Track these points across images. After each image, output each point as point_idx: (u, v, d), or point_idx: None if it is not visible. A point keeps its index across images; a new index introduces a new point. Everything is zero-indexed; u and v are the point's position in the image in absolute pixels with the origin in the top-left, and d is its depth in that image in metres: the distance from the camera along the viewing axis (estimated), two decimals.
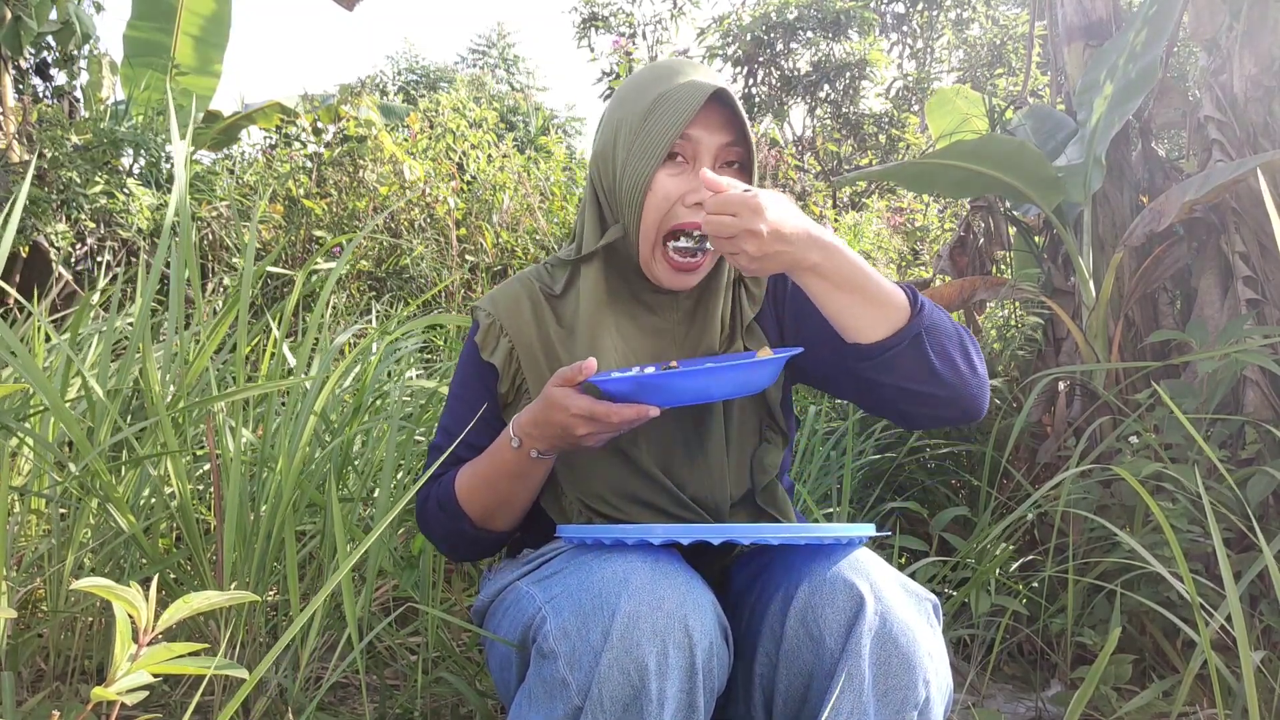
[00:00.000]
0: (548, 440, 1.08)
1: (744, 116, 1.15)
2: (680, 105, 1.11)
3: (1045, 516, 2.13)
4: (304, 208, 4.30)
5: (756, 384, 1.05)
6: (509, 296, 1.25)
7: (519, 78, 20.41)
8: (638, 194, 1.13)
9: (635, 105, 1.15)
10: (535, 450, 1.10)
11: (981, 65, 8.01)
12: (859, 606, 0.94)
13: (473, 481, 1.18)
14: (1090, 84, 2.46)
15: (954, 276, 2.82)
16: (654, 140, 1.12)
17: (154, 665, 0.67)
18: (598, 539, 0.98)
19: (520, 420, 1.10)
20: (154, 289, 1.62)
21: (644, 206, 1.14)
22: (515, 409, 1.22)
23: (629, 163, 1.14)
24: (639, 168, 1.13)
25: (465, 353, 1.27)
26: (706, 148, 1.13)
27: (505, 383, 1.22)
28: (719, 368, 1.01)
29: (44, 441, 1.58)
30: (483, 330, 1.23)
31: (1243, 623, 1.29)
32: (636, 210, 1.14)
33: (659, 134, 1.11)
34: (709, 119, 1.13)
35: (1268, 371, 1.94)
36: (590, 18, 8.28)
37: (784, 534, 0.94)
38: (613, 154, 1.17)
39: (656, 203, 1.13)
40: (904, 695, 0.94)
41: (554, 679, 0.92)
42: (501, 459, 1.14)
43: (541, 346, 1.22)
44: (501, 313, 1.23)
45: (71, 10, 4.96)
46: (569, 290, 1.24)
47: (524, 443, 1.10)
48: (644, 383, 1.01)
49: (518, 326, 1.22)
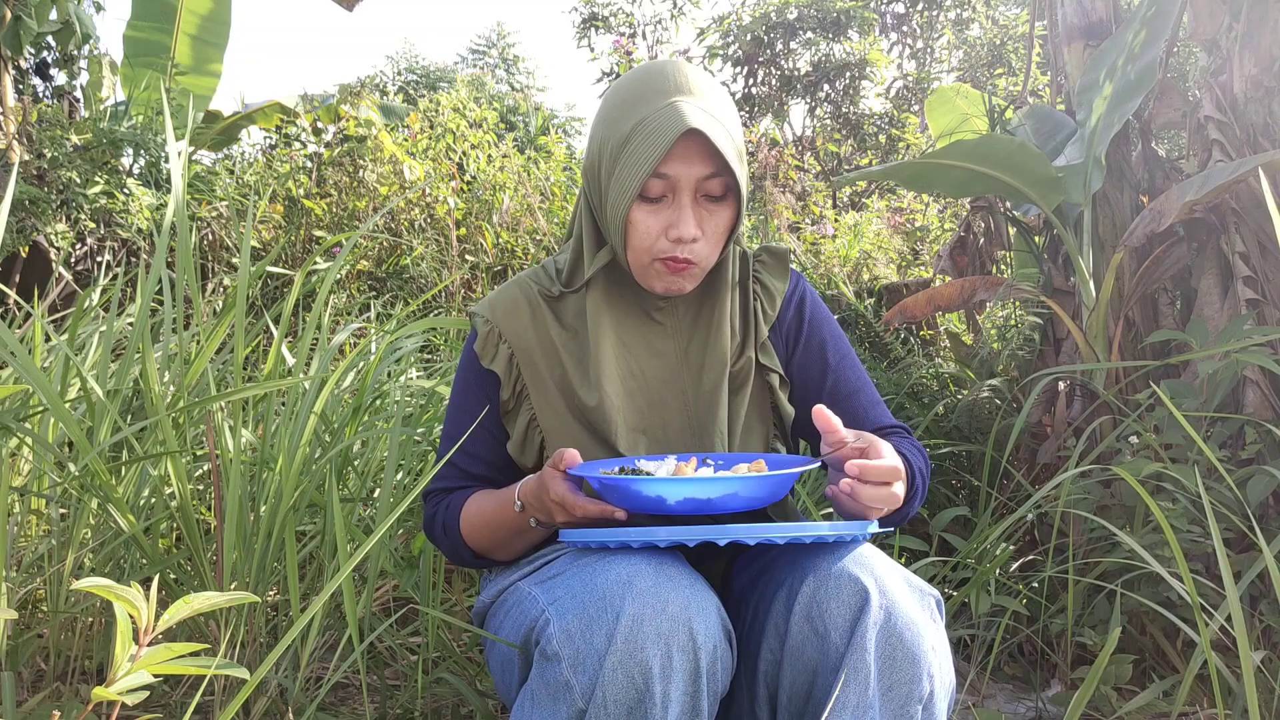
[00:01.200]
0: (542, 514, 1.08)
1: (725, 139, 1.10)
2: (654, 140, 1.08)
3: (1045, 517, 2.13)
4: (304, 208, 4.30)
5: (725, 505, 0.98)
6: (507, 301, 1.24)
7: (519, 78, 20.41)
8: (619, 228, 1.13)
9: (617, 128, 1.13)
10: (534, 520, 1.10)
11: (981, 65, 8.01)
12: (864, 601, 0.95)
13: (477, 520, 1.18)
14: (1089, 84, 2.46)
15: (954, 276, 2.82)
16: (628, 178, 1.10)
17: (154, 665, 0.67)
18: (602, 542, 0.98)
19: (524, 488, 1.10)
20: (154, 289, 1.62)
21: (626, 239, 1.14)
22: (516, 415, 1.22)
23: (609, 195, 1.14)
24: (618, 203, 1.12)
25: (464, 359, 1.26)
26: (685, 182, 1.11)
27: (507, 389, 1.22)
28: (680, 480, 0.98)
29: (44, 441, 1.58)
30: (481, 338, 1.23)
31: (1243, 623, 1.29)
32: (621, 241, 1.15)
33: (633, 172, 1.09)
34: (686, 153, 1.10)
35: (1268, 371, 1.94)
36: (590, 18, 8.27)
37: (789, 533, 0.94)
38: (597, 176, 1.16)
39: (638, 237, 1.13)
40: (909, 689, 0.94)
41: (557, 681, 0.92)
42: (506, 514, 1.13)
43: (542, 351, 1.21)
44: (500, 318, 1.23)
45: (71, 10, 4.96)
46: (569, 293, 1.24)
47: (526, 510, 1.11)
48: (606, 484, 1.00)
49: (516, 332, 1.22)
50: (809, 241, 4.65)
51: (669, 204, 1.12)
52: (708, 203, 1.14)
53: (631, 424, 1.18)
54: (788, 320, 1.27)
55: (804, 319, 1.27)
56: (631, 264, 1.16)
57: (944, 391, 2.85)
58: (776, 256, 1.28)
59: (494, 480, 1.24)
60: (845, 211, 5.78)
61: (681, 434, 1.20)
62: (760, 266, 1.27)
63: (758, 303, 1.25)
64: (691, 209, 1.12)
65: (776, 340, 1.27)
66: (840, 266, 4.50)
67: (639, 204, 1.12)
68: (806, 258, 4.41)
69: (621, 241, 1.14)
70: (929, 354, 3.49)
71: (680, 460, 1.09)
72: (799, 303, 1.28)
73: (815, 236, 4.68)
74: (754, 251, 1.29)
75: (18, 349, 1.42)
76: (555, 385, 1.20)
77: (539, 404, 1.20)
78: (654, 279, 1.16)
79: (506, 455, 1.24)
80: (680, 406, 1.20)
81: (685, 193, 1.12)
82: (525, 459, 1.22)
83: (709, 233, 1.14)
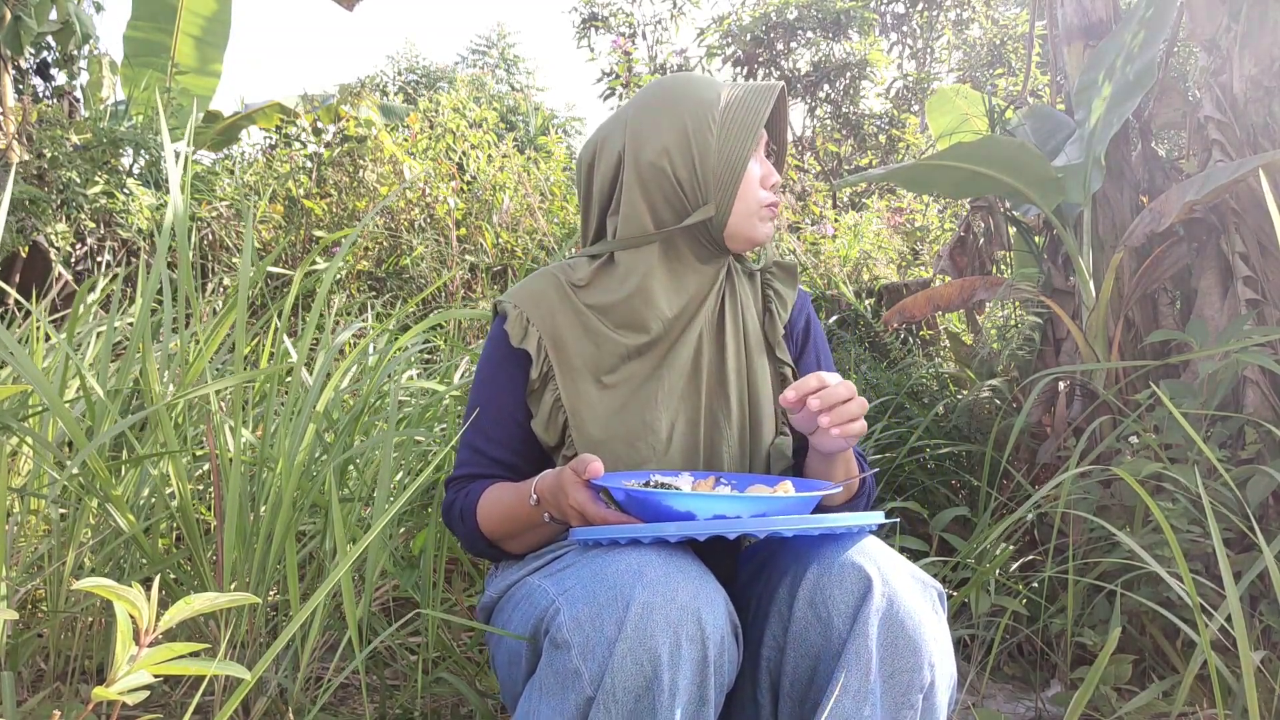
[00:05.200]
0: (558, 512, 1.10)
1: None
2: (761, 97, 1.23)
3: (1045, 517, 2.13)
4: (304, 208, 4.30)
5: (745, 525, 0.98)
6: (533, 289, 1.28)
7: (519, 78, 20.40)
8: (736, 174, 1.23)
9: (705, 97, 1.24)
10: (548, 515, 1.12)
11: (981, 65, 8.01)
12: (866, 589, 0.96)
13: (494, 510, 1.19)
14: (1088, 84, 2.46)
15: (954, 276, 2.82)
16: (747, 127, 1.22)
17: (155, 665, 0.67)
18: (612, 538, 0.99)
19: (541, 484, 1.12)
20: (154, 289, 1.62)
21: (740, 191, 1.24)
22: (541, 395, 1.24)
23: (723, 149, 1.23)
24: (736, 154, 1.22)
25: (491, 342, 1.29)
26: (761, 141, 1.27)
27: (536, 369, 1.24)
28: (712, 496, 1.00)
29: (44, 441, 1.58)
30: (512, 319, 1.26)
31: (1243, 623, 1.29)
32: (731, 190, 1.23)
33: (750, 122, 1.22)
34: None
35: (1268, 371, 1.94)
36: (590, 18, 8.27)
37: (797, 525, 0.94)
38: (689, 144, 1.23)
39: (752, 185, 1.25)
40: (909, 678, 0.96)
41: (566, 669, 0.93)
42: (522, 506, 1.15)
43: (570, 333, 1.24)
44: (527, 304, 1.26)
45: (71, 10, 4.96)
46: (597, 279, 1.27)
47: (540, 504, 1.12)
48: (634, 497, 1.02)
49: (543, 315, 1.25)
50: (809, 241, 4.65)
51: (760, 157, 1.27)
52: (767, 160, 1.30)
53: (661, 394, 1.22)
54: (798, 328, 1.36)
55: (810, 331, 1.38)
56: (740, 215, 1.25)
57: (944, 391, 2.85)
58: (787, 270, 1.38)
59: (514, 465, 1.26)
60: (845, 211, 5.78)
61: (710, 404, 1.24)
62: (771, 276, 1.36)
63: (773, 304, 1.33)
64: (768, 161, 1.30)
65: (788, 343, 1.35)
66: (840, 266, 4.50)
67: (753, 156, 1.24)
68: (806, 258, 4.40)
69: (732, 195, 1.23)
70: (929, 354, 3.49)
71: (697, 478, 1.12)
72: (808, 318, 1.38)
73: (815, 236, 4.68)
74: (764, 265, 1.37)
75: (15, 348, 1.42)
76: (582, 366, 1.23)
77: (565, 385, 1.23)
78: (759, 225, 1.27)
79: (528, 440, 1.26)
80: (707, 375, 1.25)
81: (762, 149, 1.29)
82: (549, 436, 1.24)
83: None
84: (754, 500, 1.00)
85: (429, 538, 1.66)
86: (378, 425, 2.01)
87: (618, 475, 1.11)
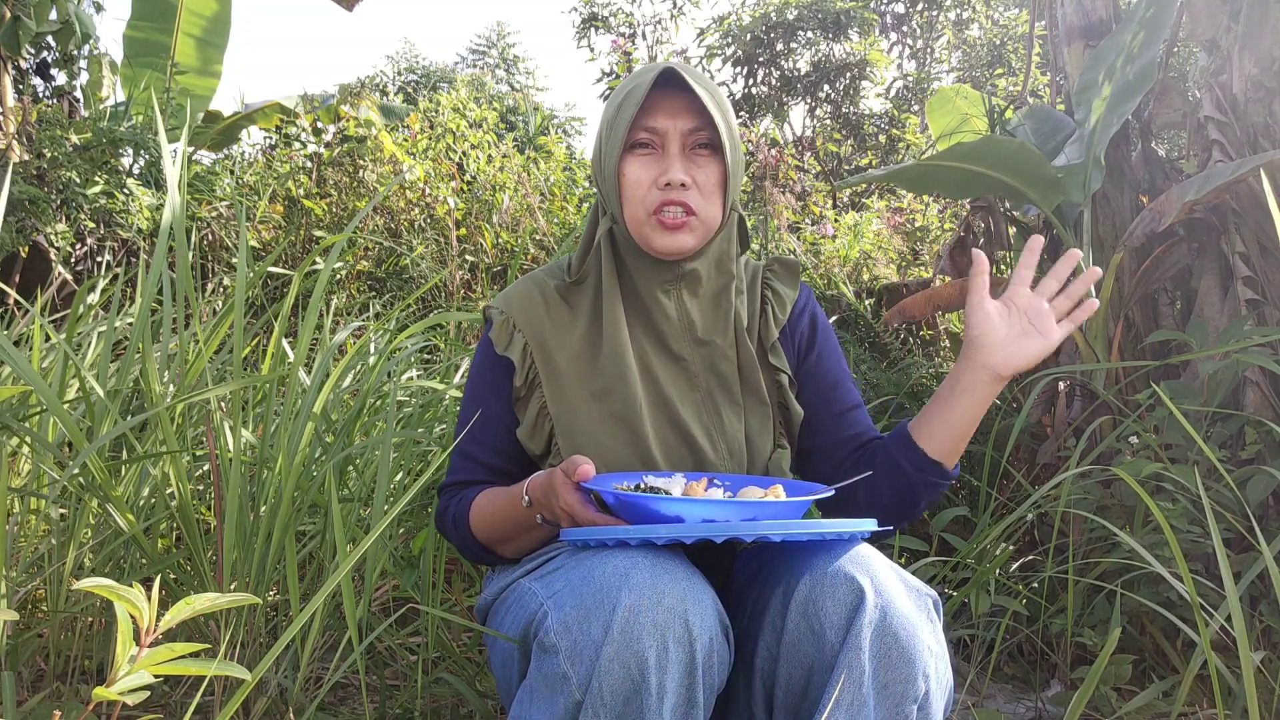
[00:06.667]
0: (549, 513, 1.09)
1: (709, 99, 1.17)
2: (638, 93, 1.16)
3: (1045, 517, 2.13)
4: (304, 208, 4.30)
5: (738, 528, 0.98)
6: (521, 293, 1.28)
7: (519, 78, 20.41)
8: (613, 185, 1.20)
9: (611, 105, 1.22)
10: (540, 516, 1.12)
11: (981, 65, 8.01)
12: (859, 599, 0.95)
13: (487, 513, 1.19)
14: (1088, 84, 2.46)
15: (954, 276, 2.82)
16: (618, 131, 1.18)
17: (155, 666, 0.67)
18: (601, 540, 0.98)
19: (532, 484, 1.11)
20: (154, 290, 1.62)
21: (621, 195, 1.20)
22: (527, 402, 1.24)
23: (603, 157, 1.22)
24: (610, 157, 1.20)
25: (480, 351, 1.29)
26: (673, 134, 1.18)
27: (520, 376, 1.24)
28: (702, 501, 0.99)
29: (44, 441, 1.58)
30: (496, 327, 1.26)
31: (1243, 623, 1.29)
32: (616, 198, 1.20)
33: (621, 124, 1.17)
34: (672, 106, 1.18)
35: (1268, 371, 1.94)
36: (590, 18, 8.27)
37: (786, 530, 0.94)
38: (596, 152, 1.25)
39: (630, 188, 1.19)
40: (903, 689, 0.94)
41: (555, 673, 0.93)
42: (515, 508, 1.14)
43: (556, 339, 1.24)
44: (514, 309, 1.26)
45: (71, 10, 4.96)
46: (581, 283, 1.27)
47: (533, 505, 1.12)
48: (624, 501, 1.01)
49: (530, 321, 1.25)
50: (809, 241, 4.65)
51: (658, 156, 1.19)
52: (695, 155, 1.19)
53: (646, 407, 1.20)
54: (801, 329, 1.32)
55: (816, 332, 1.33)
56: (629, 223, 1.21)
57: None
58: (788, 267, 1.34)
59: (506, 470, 1.26)
60: (845, 211, 5.77)
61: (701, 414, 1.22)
62: (771, 275, 1.33)
63: (769, 306, 1.30)
64: (679, 159, 1.18)
65: (787, 345, 1.31)
66: (840, 266, 4.50)
67: (628, 156, 1.19)
68: (806, 258, 4.40)
69: (617, 201, 1.20)
70: (929, 354, 3.49)
71: (690, 479, 1.11)
72: (812, 315, 1.34)
73: (815, 236, 4.68)
74: (766, 262, 1.35)
75: (11, 349, 1.42)
76: (568, 372, 1.23)
77: (550, 391, 1.22)
78: (652, 235, 1.19)
79: (519, 446, 1.26)
80: (690, 389, 1.23)
81: (673, 143, 1.18)
82: (535, 445, 1.23)
83: (700, 183, 1.19)
84: (741, 505, 0.99)
85: (429, 538, 1.66)
86: (377, 425, 2.01)
87: (609, 477, 1.10)
